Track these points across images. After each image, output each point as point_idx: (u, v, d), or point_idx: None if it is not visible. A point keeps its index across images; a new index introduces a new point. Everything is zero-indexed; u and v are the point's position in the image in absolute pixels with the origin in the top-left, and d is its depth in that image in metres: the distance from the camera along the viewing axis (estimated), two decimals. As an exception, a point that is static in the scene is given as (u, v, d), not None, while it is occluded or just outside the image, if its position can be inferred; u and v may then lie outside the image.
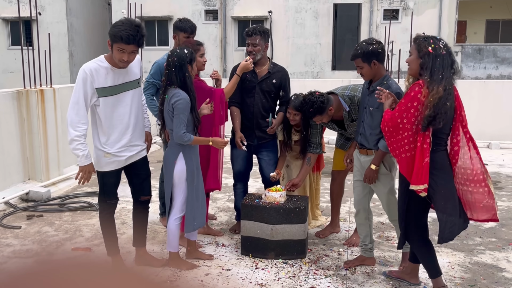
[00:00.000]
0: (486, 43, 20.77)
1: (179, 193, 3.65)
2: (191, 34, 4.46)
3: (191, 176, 3.61)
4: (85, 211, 5.21)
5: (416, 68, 3.08)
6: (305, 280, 3.60)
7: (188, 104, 3.48)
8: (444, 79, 2.95)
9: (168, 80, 3.54)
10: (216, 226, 4.74)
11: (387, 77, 3.55)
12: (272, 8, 19.82)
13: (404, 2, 19.24)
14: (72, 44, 20.71)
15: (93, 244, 4.28)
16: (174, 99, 3.46)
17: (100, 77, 3.29)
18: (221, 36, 20.44)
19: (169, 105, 3.51)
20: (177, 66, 3.50)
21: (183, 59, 3.50)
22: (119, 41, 3.17)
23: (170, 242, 3.73)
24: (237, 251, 4.11)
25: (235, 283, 3.53)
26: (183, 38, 4.43)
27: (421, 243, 3.29)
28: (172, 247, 3.74)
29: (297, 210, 3.90)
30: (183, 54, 3.52)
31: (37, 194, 5.57)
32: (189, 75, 3.54)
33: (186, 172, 3.59)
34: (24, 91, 5.83)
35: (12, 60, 19.64)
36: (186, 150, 3.59)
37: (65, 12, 20.37)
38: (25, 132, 5.85)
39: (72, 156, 6.83)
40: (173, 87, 3.51)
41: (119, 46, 3.20)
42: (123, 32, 3.15)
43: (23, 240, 4.39)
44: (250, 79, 4.30)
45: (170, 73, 3.52)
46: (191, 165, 3.61)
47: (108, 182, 3.56)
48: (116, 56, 3.24)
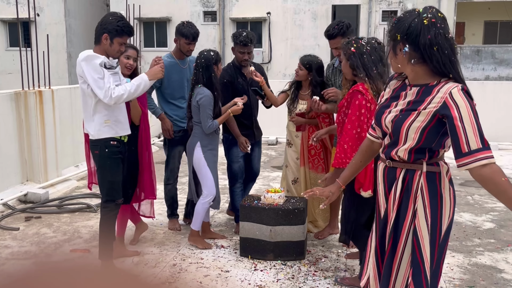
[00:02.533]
0: (485, 45, 20.81)
1: (204, 178, 4.12)
2: (192, 41, 4.43)
3: (211, 161, 4.09)
4: (84, 213, 5.20)
5: (349, 71, 3.20)
6: (304, 281, 3.59)
7: (211, 99, 3.97)
8: (384, 75, 3.05)
9: (196, 79, 4.03)
10: (214, 227, 4.73)
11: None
12: (271, 10, 19.84)
13: (402, 4, 19.28)
14: (71, 45, 20.70)
15: (91, 246, 4.27)
16: (199, 97, 3.97)
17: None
18: (219, 37, 20.45)
19: (195, 102, 4.00)
20: (204, 66, 3.98)
21: (209, 60, 3.99)
22: (125, 35, 3.39)
23: (195, 221, 4.19)
24: (236, 252, 4.10)
25: (234, 284, 3.53)
26: (184, 45, 4.42)
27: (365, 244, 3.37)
28: (195, 225, 4.19)
29: (296, 211, 3.90)
30: (209, 56, 4.01)
31: (35, 196, 5.55)
32: (215, 75, 4.01)
33: (205, 159, 4.08)
34: (22, 92, 5.82)
35: (10, 61, 19.62)
36: (203, 141, 4.08)
37: (63, 13, 20.37)
38: (23, 133, 5.83)
39: (70, 157, 6.86)
40: (199, 86, 4.00)
41: (123, 40, 3.40)
42: (128, 28, 3.40)
43: (21, 241, 4.38)
44: (241, 83, 4.46)
45: (198, 73, 4.01)
46: (208, 152, 4.09)
47: (116, 180, 3.54)
48: (116, 48, 3.39)
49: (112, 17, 3.41)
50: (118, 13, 3.48)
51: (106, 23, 3.36)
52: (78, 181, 6.50)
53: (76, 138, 6.93)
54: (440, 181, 2.17)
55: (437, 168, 2.17)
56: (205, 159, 4.09)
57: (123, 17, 3.43)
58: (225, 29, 20.37)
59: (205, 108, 3.97)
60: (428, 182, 2.16)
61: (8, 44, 21.15)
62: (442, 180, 2.18)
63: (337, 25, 4.11)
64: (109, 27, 3.34)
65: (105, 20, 3.39)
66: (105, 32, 3.35)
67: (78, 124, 6.94)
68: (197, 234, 4.25)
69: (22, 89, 5.90)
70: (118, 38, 3.35)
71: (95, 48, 3.43)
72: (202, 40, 20.31)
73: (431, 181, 2.16)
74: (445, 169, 2.21)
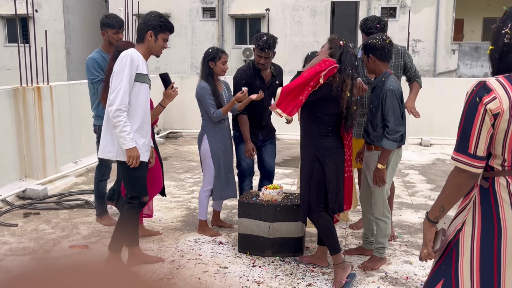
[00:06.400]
0: (483, 41, 20.79)
1: (206, 168, 4.30)
2: (119, 29, 4.49)
3: (215, 153, 4.23)
4: (82, 209, 5.20)
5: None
6: (302, 277, 3.60)
7: (208, 89, 4.16)
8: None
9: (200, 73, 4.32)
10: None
11: (386, 74, 3.56)
12: (270, 6, 19.80)
13: (401, 0, 19.25)
14: (69, 42, 20.65)
15: (90, 242, 4.27)
16: (196, 91, 4.22)
17: (140, 63, 3.42)
18: (218, 34, 20.41)
19: (197, 96, 4.22)
20: (202, 61, 4.26)
21: (205, 56, 4.23)
22: (168, 31, 3.49)
23: (199, 210, 4.41)
24: (234, 248, 4.11)
25: (232, 280, 3.53)
26: (112, 35, 4.45)
27: (323, 219, 3.51)
28: (200, 215, 4.41)
29: (294, 208, 3.90)
30: (207, 52, 4.25)
31: (34, 192, 5.55)
32: (210, 70, 4.20)
33: (210, 151, 4.23)
34: (20, 89, 5.81)
35: (8, 58, 19.56)
36: (210, 133, 4.25)
37: (61, 10, 20.30)
38: (21, 129, 5.83)
39: (69, 153, 6.86)
40: (200, 80, 4.25)
41: (166, 36, 3.50)
42: (171, 24, 3.53)
43: (19, 237, 4.38)
44: (259, 85, 4.39)
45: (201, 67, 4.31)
46: (214, 144, 4.24)
47: (141, 176, 3.49)
48: (160, 45, 3.48)
49: (153, 15, 3.49)
50: (156, 12, 3.55)
51: (150, 20, 3.43)
52: (76, 177, 6.50)
53: (74, 135, 6.93)
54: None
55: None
56: (210, 151, 4.23)
57: (162, 15, 3.53)
58: (224, 25, 20.33)
59: (204, 98, 4.15)
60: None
61: (7, 40, 21.10)
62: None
63: (378, 23, 4.14)
64: (153, 23, 3.42)
65: (147, 18, 3.46)
66: (149, 29, 3.41)
67: (77, 120, 6.94)
68: (204, 223, 4.42)
69: (20, 85, 5.89)
70: (162, 34, 3.44)
71: (137, 47, 3.47)
72: (201, 36, 20.41)
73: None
74: None
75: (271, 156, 4.64)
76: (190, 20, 20.33)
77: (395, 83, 3.52)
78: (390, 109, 3.44)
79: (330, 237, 3.51)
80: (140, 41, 3.47)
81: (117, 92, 3.28)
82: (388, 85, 3.46)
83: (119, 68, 3.32)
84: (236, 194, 4.48)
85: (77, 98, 6.93)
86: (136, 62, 3.35)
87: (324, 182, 3.45)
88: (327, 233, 3.52)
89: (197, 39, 20.15)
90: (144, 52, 3.47)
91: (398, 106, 3.46)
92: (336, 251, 3.49)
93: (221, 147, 4.28)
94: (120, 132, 3.29)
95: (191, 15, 20.31)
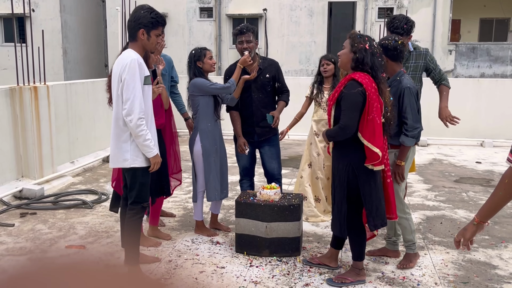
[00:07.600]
0: (480, 42, 20.84)
1: (199, 170, 4.30)
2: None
3: (206, 154, 4.22)
4: (79, 209, 5.19)
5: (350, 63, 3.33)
6: (299, 277, 3.60)
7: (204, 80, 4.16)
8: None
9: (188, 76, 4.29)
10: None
11: (400, 73, 3.64)
12: (267, 6, 19.79)
13: (398, 1, 19.27)
14: (66, 41, 20.58)
15: (87, 242, 4.27)
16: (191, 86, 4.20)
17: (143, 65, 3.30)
18: (215, 34, 20.39)
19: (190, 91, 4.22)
20: (188, 65, 4.26)
21: (190, 58, 4.24)
22: (160, 25, 3.32)
23: (194, 212, 4.45)
24: (231, 248, 4.11)
25: (229, 280, 3.53)
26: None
27: (359, 231, 3.48)
28: (196, 216, 4.44)
29: (291, 207, 3.90)
30: (190, 55, 4.26)
31: (31, 192, 5.54)
32: (199, 69, 4.21)
33: (203, 152, 4.22)
34: (17, 88, 5.80)
35: (5, 57, 19.48)
36: (202, 133, 4.22)
37: (58, 9, 20.23)
38: (18, 129, 5.81)
39: (66, 153, 6.85)
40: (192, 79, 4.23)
41: (159, 32, 3.33)
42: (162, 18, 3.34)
43: (16, 238, 4.37)
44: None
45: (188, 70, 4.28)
46: (207, 145, 4.22)
47: (147, 182, 3.42)
48: (154, 41, 3.34)
49: (143, 10, 3.30)
50: (146, 5, 3.35)
51: (140, 18, 3.25)
52: (73, 177, 6.48)
53: (71, 134, 6.92)
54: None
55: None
56: (203, 152, 4.22)
57: (152, 8, 3.34)
58: (221, 25, 20.31)
59: (204, 85, 4.15)
60: None
61: (3, 40, 21.01)
62: None
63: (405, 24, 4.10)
64: (144, 21, 3.24)
65: (137, 15, 3.27)
66: (140, 27, 3.25)
67: (74, 120, 6.93)
68: (201, 224, 4.44)
69: (17, 85, 5.88)
70: (154, 30, 3.28)
71: (132, 45, 3.32)
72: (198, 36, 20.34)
73: None
74: None
75: (272, 159, 4.52)
76: (187, 20, 20.29)
77: (411, 81, 3.65)
78: (408, 107, 3.54)
79: (358, 247, 3.51)
80: (133, 40, 3.31)
81: (132, 101, 3.14)
82: (405, 83, 3.56)
83: (130, 75, 3.16)
84: (227, 194, 4.50)
85: (74, 98, 6.91)
86: (143, 66, 3.25)
87: (358, 193, 3.34)
88: (359, 242, 3.50)
89: (195, 39, 20.10)
90: (140, 51, 3.32)
91: (415, 103, 3.58)
92: (360, 259, 3.51)
93: (213, 146, 4.26)
94: (144, 141, 3.21)
95: (189, 15, 20.28)
